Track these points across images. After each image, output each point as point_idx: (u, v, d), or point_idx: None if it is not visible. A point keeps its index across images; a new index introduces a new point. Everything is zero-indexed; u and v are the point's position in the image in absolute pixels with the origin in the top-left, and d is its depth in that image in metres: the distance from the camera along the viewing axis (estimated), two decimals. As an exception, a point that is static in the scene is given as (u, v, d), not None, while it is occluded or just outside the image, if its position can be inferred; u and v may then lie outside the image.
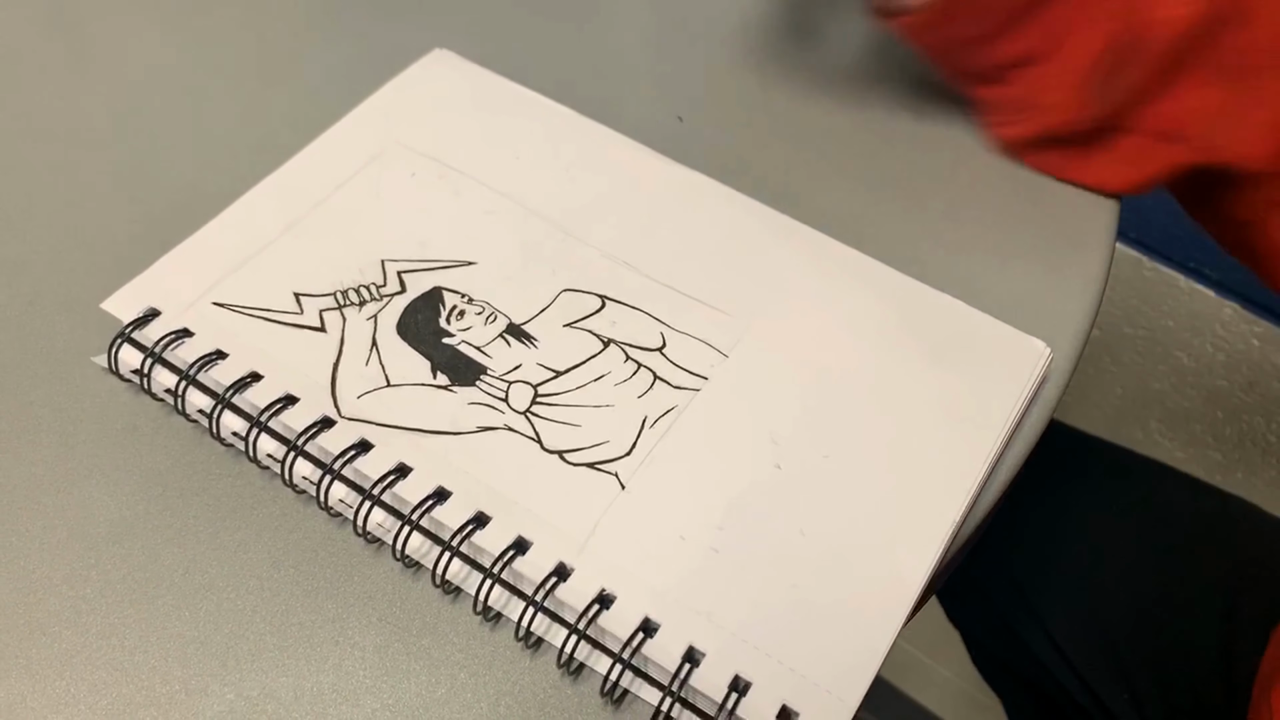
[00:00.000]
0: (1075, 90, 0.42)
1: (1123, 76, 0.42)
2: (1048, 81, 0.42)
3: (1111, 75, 0.42)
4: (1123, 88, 0.42)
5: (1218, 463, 1.13)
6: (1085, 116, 0.43)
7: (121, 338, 0.38)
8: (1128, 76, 0.42)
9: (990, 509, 0.39)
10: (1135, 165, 0.45)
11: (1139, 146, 0.44)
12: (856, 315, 0.40)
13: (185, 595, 0.34)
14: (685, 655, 0.32)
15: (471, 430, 0.36)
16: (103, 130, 0.47)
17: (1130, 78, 0.42)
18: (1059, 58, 0.42)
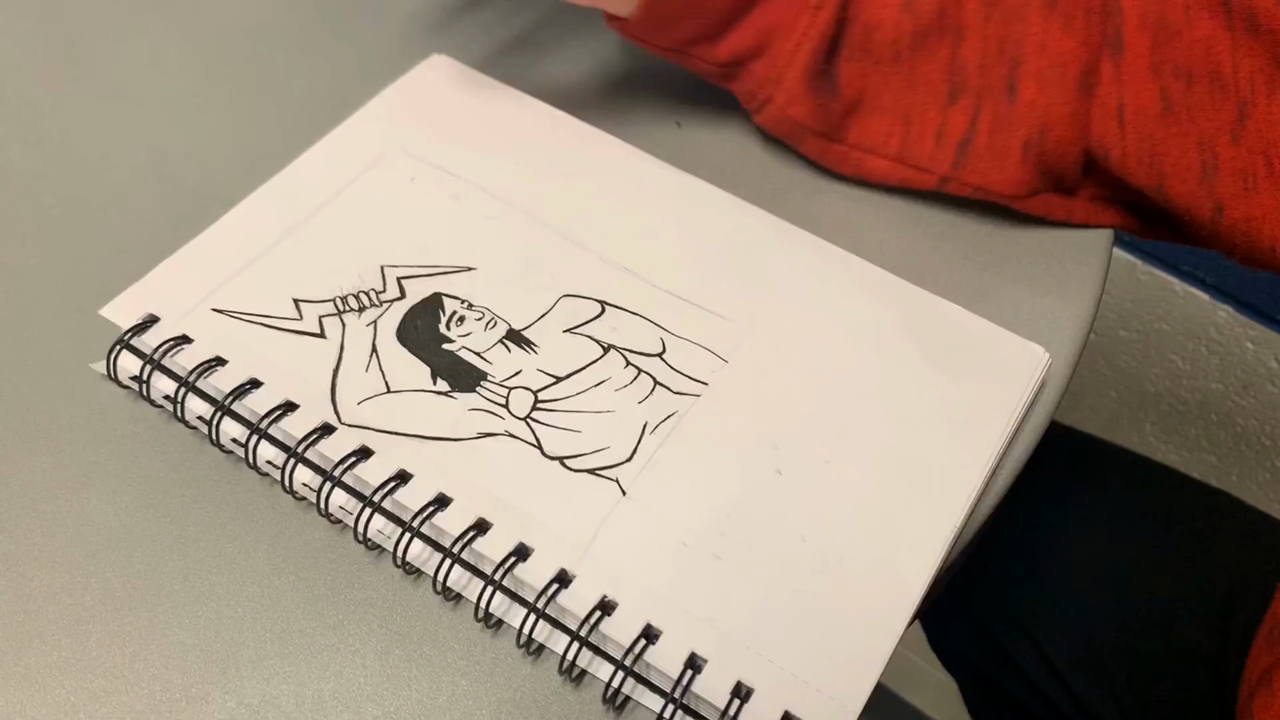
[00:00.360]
0: (798, 79, 0.42)
1: (842, 70, 0.43)
2: (770, 74, 0.43)
3: (830, 67, 0.43)
4: (845, 84, 0.43)
5: (1212, 466, 1.13)
6: (816, 107, 0.43)
7: (120, 344, 0.37)
8: (848, 72, 0.43)
9: (990, 513, 0.39)
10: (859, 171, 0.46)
11: (841, 154, 0.46)
12: (856, 320, 0.40)
13: (185, 602, 0.34)
14: (687, 662, 0.32)
15: (472, 436, 0.36)
16: (101, 135, 0.47)
17: (850, 74, 0.43)
18: (773, 50, 0.43)
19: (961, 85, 0.43)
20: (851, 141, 0.45)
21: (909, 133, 0.44)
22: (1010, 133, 0.43)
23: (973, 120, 0.43)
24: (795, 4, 0.42)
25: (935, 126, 0.43)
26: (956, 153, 0.43)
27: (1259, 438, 1.07)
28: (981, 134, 0.43)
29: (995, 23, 0.42)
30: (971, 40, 0.43)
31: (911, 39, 0.42)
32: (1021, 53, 0.42)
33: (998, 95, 0.43)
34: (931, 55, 0.43)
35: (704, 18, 0.42)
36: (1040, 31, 0.42)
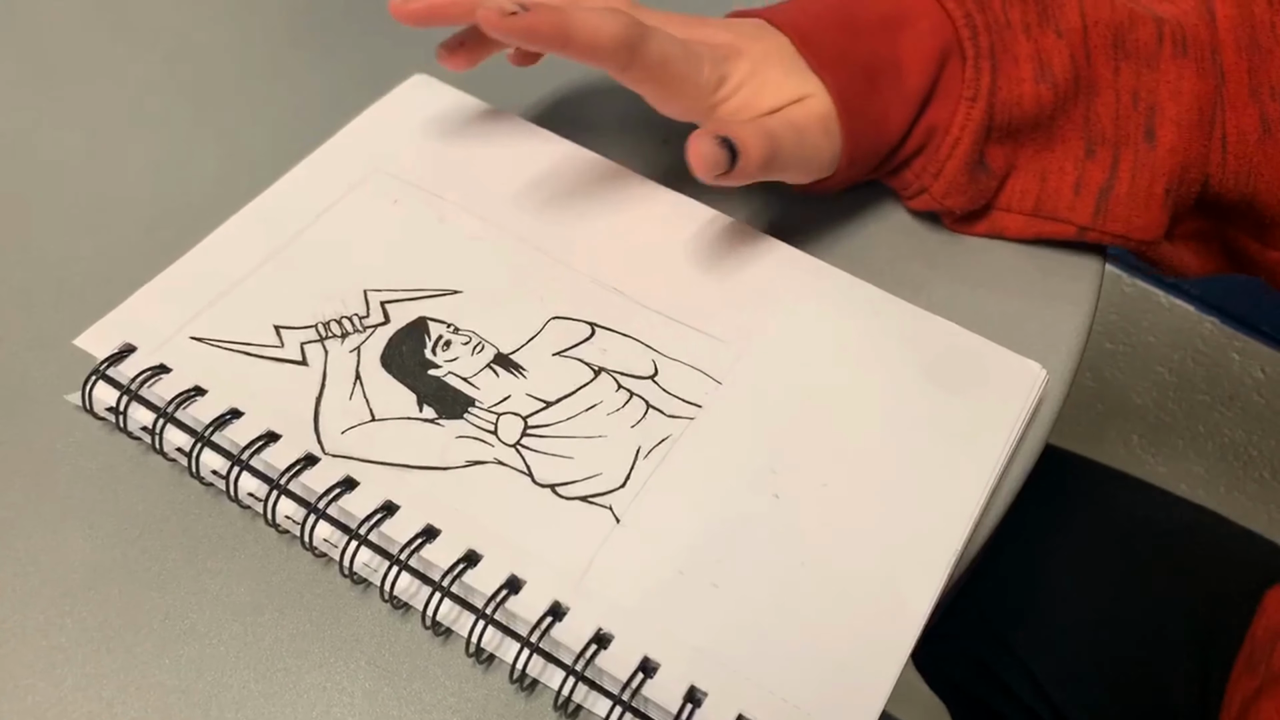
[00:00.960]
0: (959, 170, 0.42)
1: (991, 152, 0.43)
2: (928, 168, 0.43)
3: (986, 149, 0.43)
4: (994, 164, 0.43)
5: (1200, 477, 1.13)
6: (973, 195, 0.43)
7: (96, 375, 0.36)
8: (997, 155, 0.43)
9: (990, 533, 0.38)
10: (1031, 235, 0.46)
11: (1023, 224, 0.45)
12: (851, 339, 0.40)
13: (165, 642, 0.33)
14: (687, 695, 0.31)
15: (460, 465, 0.35)
16: (76, 160, 0.46)
17: (998, 155, 0.43)
18: (932, 147, 0.43)
19: (1098, 139, 0.43)
20: (989, 204, 0.45)
21: (1045, 188, 0.44)
22: (1153, 179, 0.43)
23: (1112, 170, 0.43)
24: (951, 101, 0.42)
25: (1073, 180, 0.43)
26: (1097, 202, 0.43)
27: (1246, 449, 1.07)
28: (1122, 182, 0.43)
29: (1126, 75, 0.42)
30: (1104, 95, 0.43)
31: (1053, 108, 0.42)
32: (1157, 100, 0.42)
33: (1136, 144, 0.43)
34: (1068, 116, 0.43)
35: (880, 153, 0.43)
36: (1174, 78, 0.42)
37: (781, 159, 0.39)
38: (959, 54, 0.42)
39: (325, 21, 0.54)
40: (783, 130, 0.39)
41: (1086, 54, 0.42)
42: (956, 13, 0.41)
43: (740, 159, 0.37)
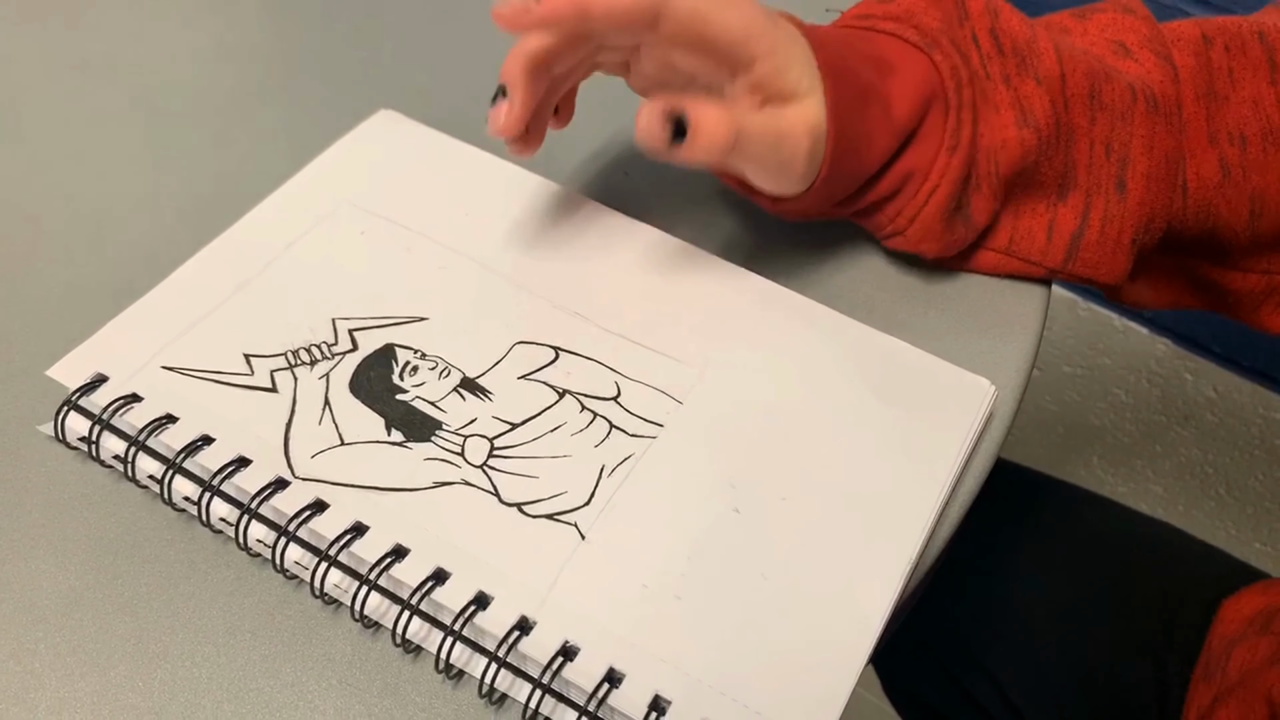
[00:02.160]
0: (935, 218, 0.43)
1: (973, 201, 0.44)
2: (904, 211, 0.43)
3: (969, 198, 0.44)
4: (977, 213, 0.44)
5: (1159, 496, 1.15)
6: (949, 241, 0.44)
7: (68, 405, 0.37)
8: (979, 201, 0.44)
9: (945, 544, 0.39)
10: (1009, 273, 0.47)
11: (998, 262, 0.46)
12: (807, 359, 0.41)
13: (139, 665, 0.34)
14: (651, 704, 0.32)
15: (428, 486, 0.36)
16: (47, 196, 0.47)
17: (981, 203, 0.44)
18: (908, 190, 0.43)
19: (1070, 183, 0.44)
20: None
21: (1018, 226, 0.45)
22: (1121, 228, 0.44)
23: (1083, 216, 0.44)
24: (932, 148, 0.42)
25: (1045, 221, 0.45)
26: (1069, 247, 0.45)
27: (1202, 466, 1.09)
28: (1093, 229, 0.44)
29: (1100, 125, 0.44)
30: (1080, 142, 0.44)
31: (1037, 153, 0.43)
32: (1129, 153, 0.44)
33: (1108, 193, 0.44)
34: (1050, 161, 0.44)
35: (855, 183, 0.43)
36: (1147, 134, 0.43)
37: (746, 154, 0.38)
38: (943, 103, 0.42)
39: (294, 59, 0.55)
40: (760, 128, 0.38)
41: (1065, 101, 0.43)
42: (944, 65, 0.42)
43: (690, 138, 0.36)
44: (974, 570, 0.68)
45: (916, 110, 0.42)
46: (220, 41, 0.56)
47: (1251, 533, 1.12)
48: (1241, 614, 0.61)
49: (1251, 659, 0.55)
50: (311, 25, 0.57)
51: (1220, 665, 0.58)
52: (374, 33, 0.57)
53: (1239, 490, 1.09)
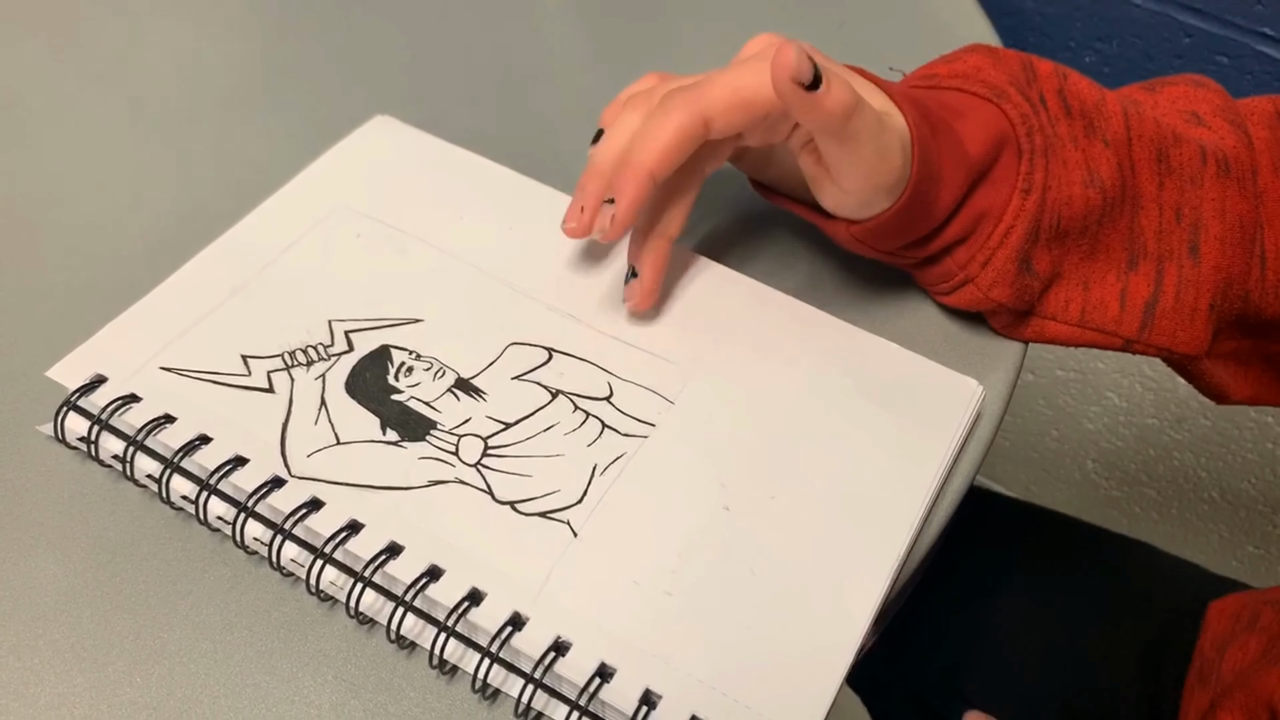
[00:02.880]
0: (1009, 260, 0.42)
1: (1037, 252, 0.43)
2: (974, 257, 0.42)
3: (1033, 250, 0.42)
4: (1039, 264, 0.43)
5: (1153, 500, 1.16)
6: (1020, 289, 0.43)
7: (67, 405, 0.38)
8: (1043, 258, 0.43)
9: (933, 544, 0.40)
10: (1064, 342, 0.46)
11: (1061, 332, 0.45)
12: (796, 360, 0.41)
13: (137, 661, 0.34)
14: (642, 698, 0.33)
15: (422, 484, 0.37)
16: (45, 198, 0.47)
17: (1043, 255, 0.43)
18: (978, 235, 0.42)
19: (1141, 251, 0.43)
20: (1035, 310, 0.44)
21: (1088, 298, 0.44)
22: (1198, 294, 0.43)
23: (1156, 284, 0.43)
24: (1005, 190, 0.41)
25: (1117, 291, 0.43)
26: (1144, 316, 0.43)
27: (1195, 470, 1.10)
28: (1168, 296, 0.43)
29: (1170, 190, 0.43)
30: (1148, 209, 0.43)
31: (1100, 214, 0.42)
32: (1201, 217, 0.43)
33: (1181, 259, 0.43)
34: (1114, 225, 0.43)
35: (927, 223, 0.41)
36: (1219, 197, 0.43)
37: (858, 129, 0.36)
38: (1014, 146, 0.41)
39: (291, 66, 0.56)
40: (869, 112, 0.37)
41: (1132, 165, 0.43)
42: (1013, 113, 0.41)
43: (825, 89, 0.35)
44: (952, 600, 0.68)
45: (988, 150, 0.41)
46: (219, 48, 0.56)
47: (1244, 536, 1.12)
48: (1227, 611, 0.61)
49: (1244, 657, 0.56)
50: (309, 33, 0.58)
51: (1214, 668, 0.58)
52: (370, 40, 0.58)
53: (1232, 494, 1.09)
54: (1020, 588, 0.68)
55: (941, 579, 0.68)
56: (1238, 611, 0.61)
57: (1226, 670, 0.57)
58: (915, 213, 0.40)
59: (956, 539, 0.68)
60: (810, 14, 0.61)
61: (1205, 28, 0.84)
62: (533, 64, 0.57)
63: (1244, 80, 0.85)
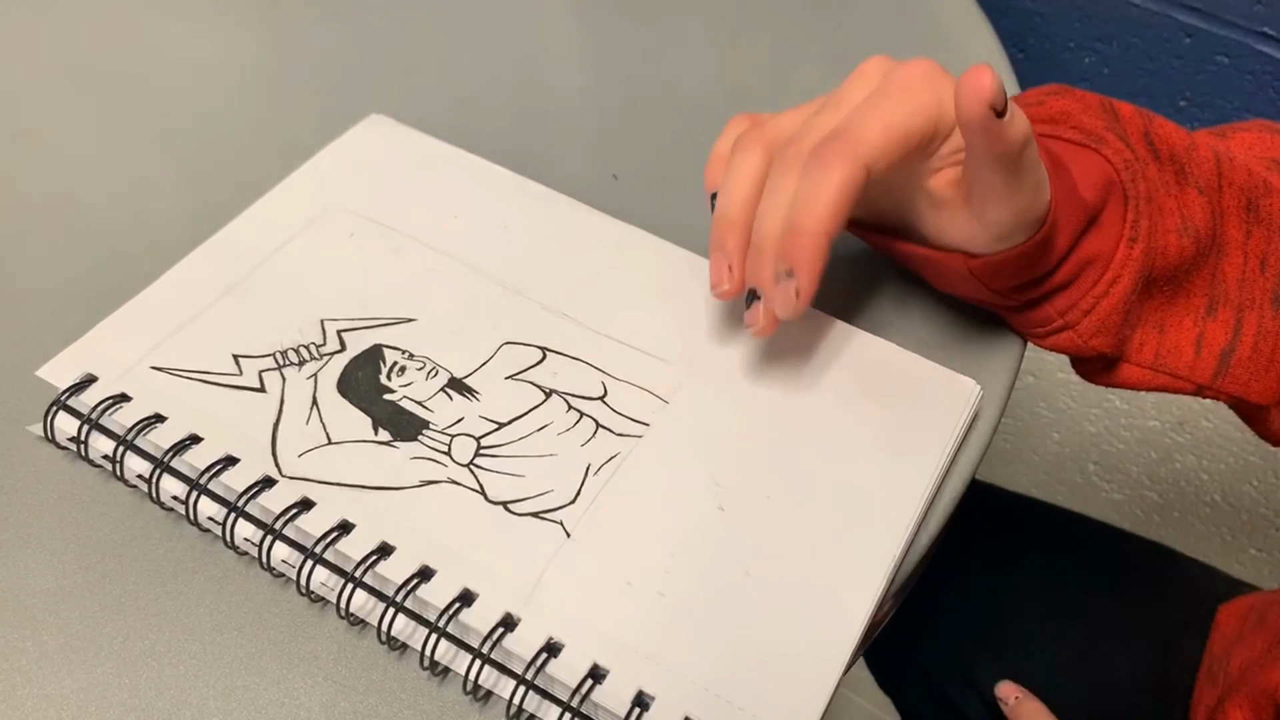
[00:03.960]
0: (1115, 310, 0.41)
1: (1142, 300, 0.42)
2: (1077, 303, 0.41)
3: (1138, 298, 0.42)
4: (1135, 314, 0.42)
5: (1155, 503, 1.15)
6: (1119, 341, 0.42)
7: (57, 405, 0.37)
8: (1138, 302, 0.42)
9: (930, 544, 0.40)
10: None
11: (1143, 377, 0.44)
12: (791, 359, 0.41)
13: (126, 663, 0.34)
14: (635, 700, 0.32)
15: (414, 484, 0.36)
16: (37, 198, 0.47)
17: (1138, 303, 0.42)
18: (1083, 281, 0.41)
19: (1221, 298, 0.43)
20: None
21: (1163, 341, 0.43)
22: (1276, 345, 0.43)
23: (1235, 332, 0.43)
24: (1112, 238, 0.40)
25: (1193, 336, 0.43)
26: (1219, 363, 0.43)
27: (1196, 473, 1.09)
28: (1245, 345, 0.43)
29: (1256, 239, 0.43)
30: (1233, 256, 0.43)
31: (1192, 262, 0.42)
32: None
33: (1262, 309, 0.43)
34: (1199, 272, 0.43)
35: (1046, 262, 0.39)
36: None
37: (1030, 156, 0.35)
38: (1120, 192, 0.40)
39: (285, 65, 0.56)
40: (1035, 142, 0.36)
41: (1220, 212, 0.42)
42: (1116, 159, 0.40)
43: (1010, 118, 0.33)
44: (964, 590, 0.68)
45: (1099, 194, 0.39)
46: (212, 48, 0.56)
47: (1246, 539, 1.12)
48: (1236, 612, 0.61)
49: (1250, 654, 0.56)
50: (303, 32, 0.58)
51: (1223, 666, 0.58)
52: (364, 39, 0.57)
53: (1234, 496, 1.09)
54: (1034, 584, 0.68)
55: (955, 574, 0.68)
56: (1245, 612, 0.61)
57: (1234, 668, 0.57)
58: (1044, 249, 0.39)
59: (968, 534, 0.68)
60: (810, 14, 0.61)
61: (1206, 28, 0.84)
62: (526, 62, 0.56)
63: (1245, 80, 0.85)
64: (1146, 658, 0.63)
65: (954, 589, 0.69)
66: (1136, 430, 1.11)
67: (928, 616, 0.69)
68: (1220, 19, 0.83)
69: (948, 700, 0.68)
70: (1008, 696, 0.61)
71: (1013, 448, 1.20)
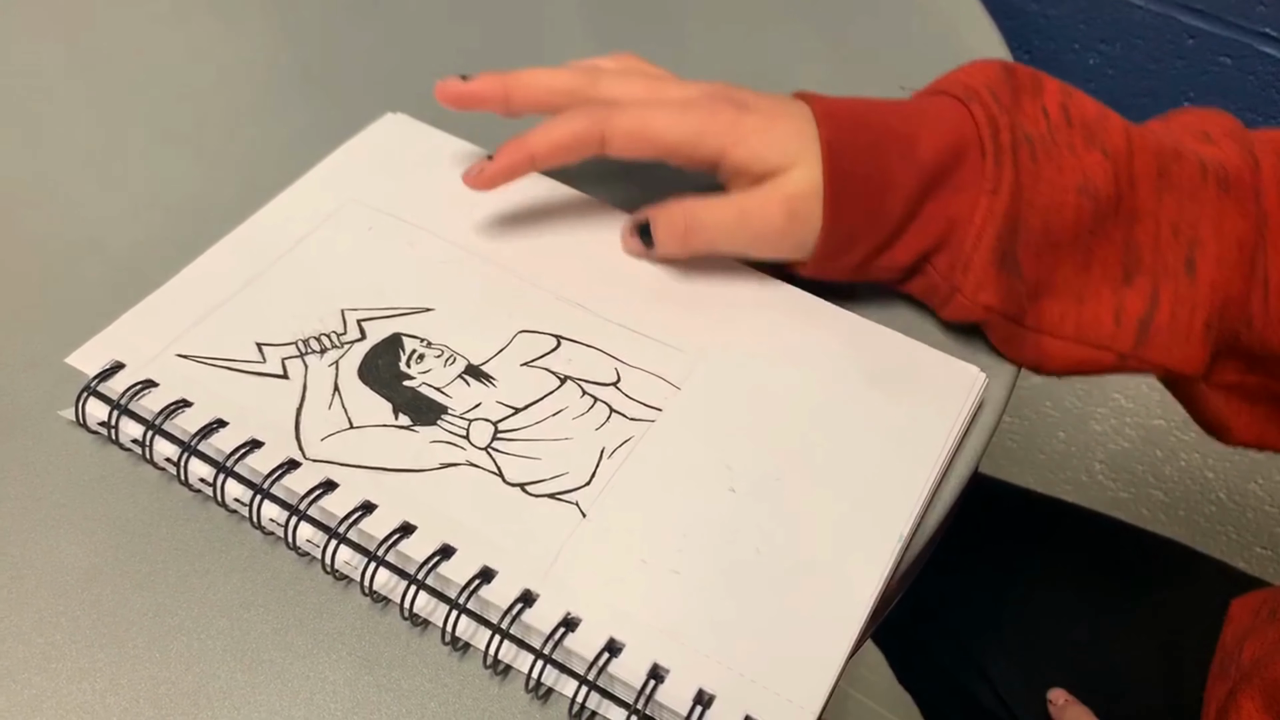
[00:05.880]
0: (987, 262, 0.42)
1: (1021, 256, 0.43)
2: (955, 263, 0.42)
3: (1015, 251, 0.42)
4: (1026, 268, 0.43)
5: (1160, 501, 1.16)
6: (1006, 291, 0.43)
7: (88, 391, 0.38)
8: (1028, 257, 0.43)
9: (936, 529, 0.40)
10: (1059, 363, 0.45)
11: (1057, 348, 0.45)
12: (801, 347, 0.42)
13: (156, 638, 0.35)
14: (650, 672, 0.33)
15: (434, 467, 0.38)
16: (67, 192, 0.48)
17: (1030, 259, 0.43)
18: (955, 241, 0.42)
19: (1136, 266, 0.43)
20: (1030, 324, 0.43)
21: (1083, 313, 0.43)
22: (1193, 312, 0.43)
23: (1152, 300, 0.43)
24: (971, 194, 0.42)
25: (1112, 307, 0.43)
26: (1138, 332, 0.43)
27: (1202, 471, 1.10)
28: (1163, 313, 0.43)
29: (1168, 206, 0.43)
30: (1145, 222, 0.43)
31: (1091, 222, 0.42)
32: (1199, 235, 0.43)
33: (1177, 275, 0.43)
34: (1108, 237, 0.43)
35: (878, 230, 0.42)
36: (1217, 215, 0.43)
37: (712, 239, 0.43)
38: (978, 148, 0.42)
39: (305, 65, 0.57)
40: (716, 218, 0.43)
41: (1130, 179, 0.43)
42: (980, 114, 0.42)
43: (655, 243, 0.43)
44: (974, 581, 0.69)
45: (944, 150, 0.41)
46: (237, 48, 0.58)
47: (1252, 537, 1.12)
48: (1248, 606, 0.62)
49: (1262, 647, 0.56)
50: (323, 32, 0.59)
51: (1234, 658, 0.59)
52: (382, 39, 0.59)
53: (1239, 494, 1.09)
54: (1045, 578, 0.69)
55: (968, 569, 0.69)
56: (1258, 606, 0.61)
57: (1246, 660, 0.57)
58: (847, 237, 0.42)
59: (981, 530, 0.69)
60: (816, 15, 0.62)
61: (1208, 29, 0.85)
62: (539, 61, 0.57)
63: (1247, 81, 0.86)
64: (1158, 651, 0.64)
65: (968, 584, 0.69)
66: (1142, 429, 1.12)
67: (943, 612, 0.70)
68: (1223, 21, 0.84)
69: (965, 693, 0.68)
70: (1057, 699, 0.62)
71: (1019, 447, 1.20)
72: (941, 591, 0.69)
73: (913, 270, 0.44)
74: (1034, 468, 1.21)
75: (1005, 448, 1.17)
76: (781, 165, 0.41)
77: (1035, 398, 1.14)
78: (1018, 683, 0.65)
